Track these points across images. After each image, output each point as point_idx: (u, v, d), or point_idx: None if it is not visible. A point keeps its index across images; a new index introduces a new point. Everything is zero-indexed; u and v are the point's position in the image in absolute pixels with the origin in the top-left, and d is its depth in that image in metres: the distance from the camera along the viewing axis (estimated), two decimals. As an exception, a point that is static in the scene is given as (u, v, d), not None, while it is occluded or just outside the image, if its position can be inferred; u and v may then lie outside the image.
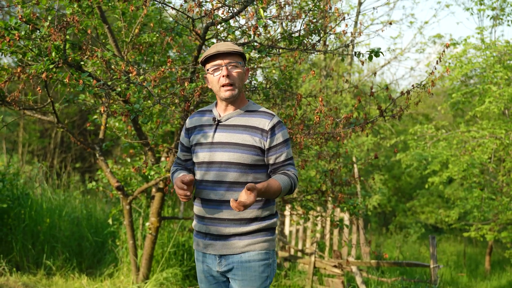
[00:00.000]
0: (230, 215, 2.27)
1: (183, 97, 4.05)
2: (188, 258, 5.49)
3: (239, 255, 2.28)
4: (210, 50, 2.33)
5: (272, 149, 2.31)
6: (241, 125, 2.32)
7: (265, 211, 2.32)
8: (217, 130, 2.33)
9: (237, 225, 2.27)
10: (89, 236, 5.77)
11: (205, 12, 3.65)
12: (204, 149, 2.33)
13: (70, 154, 14.43)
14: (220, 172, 2.28)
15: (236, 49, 2.32)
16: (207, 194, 2.31)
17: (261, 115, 2.34)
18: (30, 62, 3.95)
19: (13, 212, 5.31)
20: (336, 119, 3.96)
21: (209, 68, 2.33)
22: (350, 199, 4.76)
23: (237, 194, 2.25)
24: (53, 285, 4.93)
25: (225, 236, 2.29)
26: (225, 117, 2.35)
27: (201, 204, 2.34)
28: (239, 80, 2.33)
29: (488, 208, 8.39)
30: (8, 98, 4.26)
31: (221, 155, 2.28)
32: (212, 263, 2.33)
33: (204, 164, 2.33)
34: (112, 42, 4.31)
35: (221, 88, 2.31)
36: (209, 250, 2.33)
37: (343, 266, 5.48)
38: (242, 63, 2.37)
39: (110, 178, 4.83)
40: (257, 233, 2.30)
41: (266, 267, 2.31)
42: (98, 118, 5.43)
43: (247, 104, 2.40)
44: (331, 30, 4.49)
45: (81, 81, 3.39)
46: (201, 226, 2.35)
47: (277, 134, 2.31)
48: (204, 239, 2.34)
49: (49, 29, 3.58)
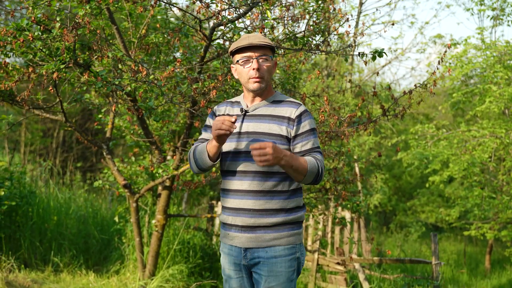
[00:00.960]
0: (255, 206, 2.24)
1: (191, 97, 4.14)
2: (193, 255, 5.57)
3: (265, 250, 2.26)
4: (242, 42, 2.31)
5: (298, 137, 2.28)
6: (268, 115, 2.31)
7: (292, 202, 2.29)
8: (244, 120, 2.32)
9: (263, 216, 2.24)
10: (96, 234, 5.86)
11: (213, 13, 3.72)
12: (231, 139, 2.31)
13: (72, 154, 14.53)
14: (246, 162, 2.26)
15: (268, 43, 2.31)
16: (234, 185, 2.29)
17: (288, 104, 2.33)
18: (40, 62, 4.03)
19: (21, 210, 5.40)
20: (340, 118, 4.03)
21: (239, 59, 2.32)
22: (353, 196, 4.84)
23: (261, 184, 2.24)
24: (61, 282, 5.02)
25: (250, 227, 2.25)
26: (252, 107, 2.35)
27: (229, 195, 2.31)
28: (268, 74, 2.32)
29: (489, 207, 8.47)
30: (18, 98, 4.34)
31: (248, 144, 2.26)
32: (238, 256, 2.31)
33: (230, 154, 2.31)
34: (120, 42, 4.39)
35: (249, 80, 2.30)
36: (235, 242, 2.30)
37: (347, 263, 5.56)
38: (272, 57, 2.36)
39: (117, 176, 4.91)
40: (284, 226, 2.27)
41: (292, 262, 2.28)
42: (103, 118, 5.52)
43: (274, 95, 2.39)
44: (334, 31, 4.57)
45: (99, 77, 3.47)
46: (227, 217, 2.32)
47: (303, 122, 2.29)
48: (230, 231, 2.31)
49: (60, 30, 3.66)
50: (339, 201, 4.84)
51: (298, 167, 2.17)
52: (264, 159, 2.07)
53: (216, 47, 4.44)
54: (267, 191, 2.25)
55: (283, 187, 2.28)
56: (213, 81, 3.69)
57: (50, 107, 4.60)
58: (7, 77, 4.15)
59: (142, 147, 6.11)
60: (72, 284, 4.91)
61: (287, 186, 2.29)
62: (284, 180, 2.28)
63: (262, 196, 2.25)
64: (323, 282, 5.69)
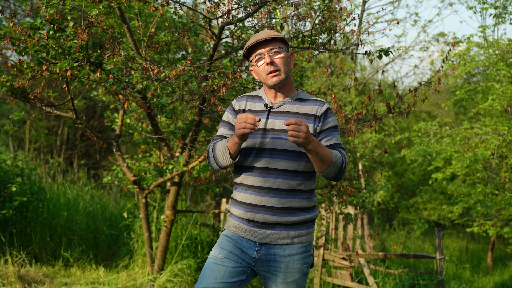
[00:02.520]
0: (278, 204, 2.22)
1: (200, 95, 4.22)
2: (201, 250, 5.66)
3: (282, 247, 2.26)
4: (250, 41, 2.30)
5: (323, 132, 2.29)
6: (294, 112, 2.29)
7: (312, 202, 2.32)
8: (270, 117, 2.29)
9: (285, 215, 2.24)
10: (105, 229, 5.95)
11: (223, 13, 3.80)
12: (255, 135, 2.27)
13: (76, 151, 14.64)
14: (271, 159, 2.24)
15: (275, 35, 2.28)
16: (255, 181, 2.26)
17: (313, 102, 2.33)
18: (53, 61, 4.11)
19: (32, 206, 5.49)
20: (348, 115, 4.11)
21: (252, 60, 2.32)
22: (359, 193, 4.92)
23: (286, 183, 2.23)
24: (72, 276, 5.11)
25: (270, 224, 2.24)
26: (277, 104, 2.32)
27: (248, 191, 2.27)
28: (284, 65, 2.29)
29: (491, 204, 8.54)
30: (31, 95, 4.43)
31: (273, 141, 2.24)
32: (249, 248, 2.28)
33: (254, 150, 2.27)
34: (131, 41, 4.47)
35: (267, 76, 2.28)
36: (249, 236, 2.28)
37: (352, 258, 5.64)
38: (285, 48, 2.32)
39: (126, 172, 4.99)
40: (302, 225, 2.29)
41: (307, 258, 2.32)
42: (111, 115, 5.61)
43: (297, 92, 2.38)
44: (340, 29, 4.64)
45: (111, 75, 3.55)
46: (245, 213, 2.27)
47: (328, 118, 2.31)
48: (247, 225, 2.28)
49: (73, 29, 3.74)
50: (345, 197, 4.92)
51: (324, 155, 2.16)
52: (296, 134, 2.06)
53: (224, 45, 4.52)
54: (291, 189, 2.25)
55: (306, 187, 2.29)
56: (223, 79, 3.76)
57: (61, 105, 4.68)
58: (21, 75, 4.23)
59: (149, 143, 6.20)
60: (82, 279, 5.00)
61: (309, 185, 2.30)
62: (307, 180, 2.29)
63: (286, 194, 2.24)
64: (329, 277, 5.78)
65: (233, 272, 2.26)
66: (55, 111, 4.78)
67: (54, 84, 4.40)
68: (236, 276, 2.26)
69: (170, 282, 5.00)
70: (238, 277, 2.26)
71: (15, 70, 4.26)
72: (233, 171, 2.41)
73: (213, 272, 2.26)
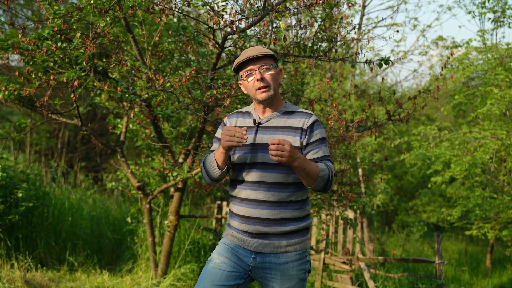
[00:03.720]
0: (270, 215, 2.32)
1: (204, 103, 4.31)
2: (203, 254, 5.74)
3: (277, 256, 2.35)
4: (241, 57, 2.38)
5: (309, 145, 2.36)
6: (282, 126, 2.38)
7: (304, 211, 2.40)
8: (258, 132, 2.39)
9: (277, 225, 2.33)
10: (109, 234, 6.03)
11: (229, 26, 3.88)
12: (245, 150, 2.37)
13: (76, 154, 14.72)
14: (261, 172, 2.33)
15: (266, 52, 2.36)
16: (247, 194, 2.36)
17: (300, 115, 2.40)
18: (59, 70, 4.20)
19: (37, 211, 5.57)
20: (348, 123, 4.19)
21: (243, 75, 2.40)
22: (360, 198, 5.01)
23: (277, 195, 2.31)
24: (77, 280, 5.19)
25: (264, 234, 2.34)
26: (265, 119, 2.42)
27: (241, 204, 2.38)
28: (273, 81, 2.38)
29: (490, 207, 8.62)
30: (38, 103, 4.51)
31: (263, 156, 2.33)
32: (245, 256, 2.37)
33: (246, 165, 2.37)
34: (136, 49, 4.56)
35: (257, 92, 2.36)
36: (245, 245, 2.37)
37: (353, 262, 5.72)
38: (274, 65, 2.41)
39: (131, 178, 5.07)
40: (295, 234, 2.37)
41: (303, 265, 2.40)
42: (113, 120, 5.70)
43: (285, 106, 2.46)
44: (341, 38, 4.72)
45: (119, 88, 3.63)
46: (240, 224, 2.38)
47: (315, 131, 2.37)
48: (242, 235, 2.38)
49: (81, 39, 3.83)
50: (345, 202, 5.00)
51: (310, 170, 2.23)
52: (280, 154, 2.13)
53: (227, 54, 4.61)
54: (282, 201, 2.33)
55: (297, 197, 2.37)
56: (227, 88, 3.85)
57: (67, 112, 4.77)
58: (28, 84, 4.32)
59: (152, 149, 6.28)
60: (87, 283, 5.08)
61: (300, 196, 2.39)
62: (298, 191, 2.37)
63: (277, 206, 2.33)
64: (329, 281, 5.86)
65: (229, 276, 2.36)
66: (61, 118, 4.87)
67: (60, 92, 4.49)
68: (233, 280, 2.36)
69: (173, 286, 5.08)
70: (235, 281, 2.36)
71: (22, 78, 4.35)
72: (229, 184, 2.52)
73: (210, 275, 2.36)
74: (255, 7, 4.13)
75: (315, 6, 4.03)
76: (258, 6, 4.11)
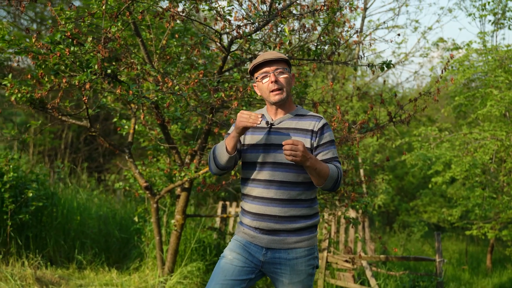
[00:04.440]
0: (281, 213, 2.44)
1: (210, 105, 4.44)
2: (209, 253, 5.86)
3: (287, 252, 2.46)
4: (258, 59, 2.50)
5: (319, 147, 2.48)
6: (293, 128, 2.50)
7: (312, 209, 2.53)
8: (270, 133, 2.50)
9: (287, 222, 2.45)
10: (116, 233, 6.16)
11: (236, 31, 4.00)
12: (258, 150, 2.49)
13: (79, 155, 14.86)
14: (273, 171, 2.45)
15: (281, 57, 2.50)
16: (259, 192, 2.47)
17: (310, 118, 2.53)
18: (70, 73, 4.33)
19: (47, 211, 5.70)
20: (351, 125, 4.32)
21: (258, 76, 2.53)
22: (362, 198, 5.13)
23: (287, 193, 2.44)
24: (86, 278, 5.32)
25: (274, 231, 2.45)
26: (277, 120, 2.54)
27: (254, 202, 2.49)
28: (287, 85, 2.50)
29: (489, 207, 8.72)
30: (49, 105, 4.64)
31: (275, 156, 2.45)
32: (256, 252, 2.49)
33: (257, 164, 2.49)
34: (145, 53, 4.68)
35: (270, 94, 2.49)
36: (256, 241, 2.49)
37: (355, 260, 5.85)
38: (288, 69, 2.53)
39: (138, 178, 5.20)
40: (304, 231, 2.49)
41: (311, 260, 2.52)
42: (118, 121, 5.84)
43: (296, 109, 2.58)
44: (344, 42, 4.84)
45: (130, 91, 3.76)
46: (252, 221, 2.49)
47: (325, 133, 2.50)
48: (254, 231, 2.49)
49: (91, 43, 3.96)
50: (348, 202, 5.12)
51: (321, 170, 2.35)
52: (294, 154, 2.24)
53: (233, 57, 4.74)
54: (292, 199, 2.45)
55: (306, 196, 2.49)
56: (234, 91, 3.98)
57: (77, 114, 4.90)
58: (39, 86, 4.45)
59: (158, 150, 6.41)
60: (96, 280, 5.20)
61: (309, 194, 2.51)
62: (307, 190, 2.49)
63: (287, 204, 2.45)
64: (332, 279, 5.98)
65: (241, 271, 2.48)
66: (70, 120, 5.00)
67: (70, 94, 4.62)
68: (245, 274, 2.48)
69: (180, 283, 5.20)
70: (247, 276, 2.49)
71: (34, 81, 4.48)
72: (241, 183, 2.64)
73: (223, 271, 2.49)
74: (261, 11, 4.25)
75: (319, 12, 4.15)
76: (263, 11, 4.24)
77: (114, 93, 4.41)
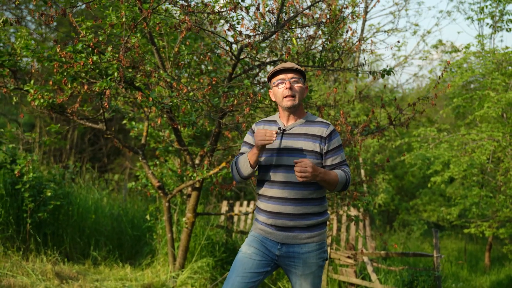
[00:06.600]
0: (294, 211, 2.69)
1: (221, 109, 4.72)
2: (218, 249, 6.14)
3: (300, 246, 2.72)
4: (277, 67, 2.77)
5: (329, 153, 2.74)
6: (303, 133, 2.75)
7: (323, 207, 2.78)
8: (283, 138, 2.76)
9: (300, 219, 2.70)
10: (128, 231, 6.44)
11: (248, 42, 4.27)
12: (272, 153, 2.74)
13: (84, 155, 15.15)
14: (286, 173, 2.69)
15: (298, 68, 2.76)
16: (274, 193, 2.72)
17: (320, 124, 2.78)
18: (91, 80, 4.61)
19: (63, 209, 5.99)
20: (353, 128, 4.59)
21: (275, 82, 2.78)
22: (364, 196, 5.41)
23: (300, 193, 2.69)
24: (101, 273, 5.60)
25: (288, 227, 2.71)
26: (289, 126, 2.78)
27: (269, 201, 2.74)
28: (300, 93, 2.76)
29: (486, 205, 8.97)
30: (69, 110, 4.93)
31: (288, 159, 2.69)
32: (272, 247, 2.74)
33: (272, 166, 2.73)
34: (159, 60, 4.97)
35: (284, 99, 2.74)
36: (271, 237, 2.74)
37: (357, 256, 6.13)
38: (303, 80, 2.79)
39: (151, 178, 5.48)
40: (315, 227, 2.75)
41: (322, 254, 2.78)
42: (127, 123, 6.13)
43: (306, 116, 2.84)
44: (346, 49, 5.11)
45: (150, 98, 4.04)
46: (267, 219, 2.74)
47: (333, 139, 2.75)
48: (270, 228, 2.74)
49: (112, 53, 4.25)
50: (350, 201, 5.39)
51: (330, 180, 2.64)
52: (304, 175, 2.52)
53: (242, 63, 5.02)
54: (305, 198, 2.71)
55: (317, 195, 2.74)
56: (244, 97, 4.26)
57: (94, 118, 5.18)
58: (60, 92, 4.74)
59: (169, 152, 6.69)
60: (111, 276, 5.48)
61: (320, 194, 2.76)
62: (318, 189, 2.74)
63: (300, 202, 2.70)
64: (335, 274, 6.26)
65: (259, 264, 2.76)
66: (87, 123, 5.27)
67: (89, 100, 4.90)
68: (262, 267, 2.76)
69: (190, 278, 5.48)
70: (264, 269, 2.77)
71: (56, 87, 4.76)
72: (256, 184, 2.92)
73: (242, 264, 2.76)
74: (269, 22, 4.53)
75: (325, 24, 4.42)
76: (272, 21, 4.52)
77: (133, 98, 4.68)
